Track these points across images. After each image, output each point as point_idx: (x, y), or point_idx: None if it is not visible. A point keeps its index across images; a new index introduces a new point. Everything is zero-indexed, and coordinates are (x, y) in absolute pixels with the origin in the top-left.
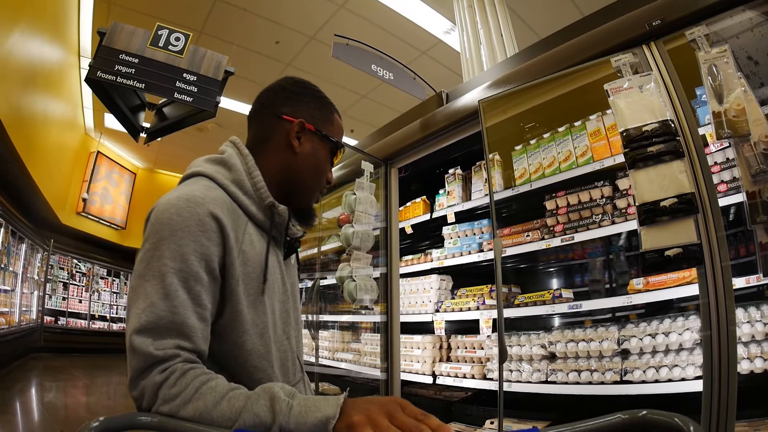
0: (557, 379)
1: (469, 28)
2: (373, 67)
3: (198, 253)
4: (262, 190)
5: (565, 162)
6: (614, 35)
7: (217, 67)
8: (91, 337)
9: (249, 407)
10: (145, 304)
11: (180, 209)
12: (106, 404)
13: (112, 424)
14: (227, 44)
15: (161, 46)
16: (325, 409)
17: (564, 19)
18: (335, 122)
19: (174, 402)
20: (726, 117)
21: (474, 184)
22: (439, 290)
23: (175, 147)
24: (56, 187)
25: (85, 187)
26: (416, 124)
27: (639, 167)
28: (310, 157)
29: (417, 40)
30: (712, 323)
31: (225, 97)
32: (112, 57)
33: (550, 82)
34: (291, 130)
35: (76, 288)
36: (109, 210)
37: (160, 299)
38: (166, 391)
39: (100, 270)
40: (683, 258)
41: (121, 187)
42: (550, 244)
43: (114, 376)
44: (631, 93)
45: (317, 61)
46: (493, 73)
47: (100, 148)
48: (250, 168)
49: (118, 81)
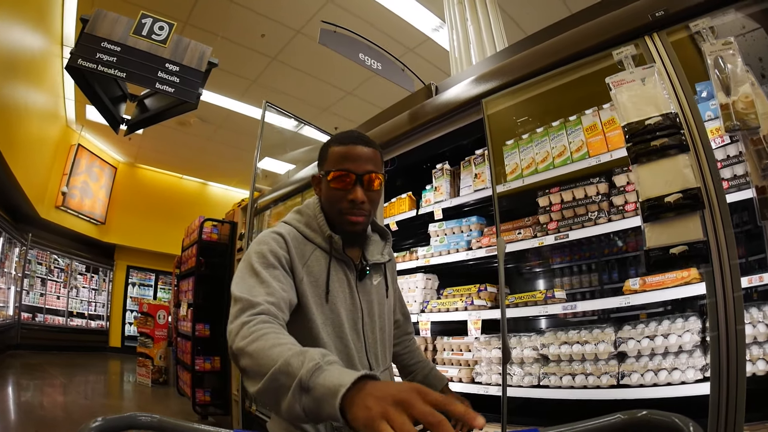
0: (550, 383)
1: (458, 26)
2: (360, 56)
3: (272, 253)
4: (323, 226)
5: (560, 157)
6: (616, 26)
7: (200, 58)
8: (69, 335)
9: (288, 357)
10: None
11: (261, 235)
12: (82, 404)
13: (113, 424)
14: (212, 36)
15: (144, 35)
16: (346, 378)
17: (554, 19)
18: (331, 154)
19: (247, 339)
20: (734, 109)
21: (463, 180)
22: (424, 290)
23: (156, 142)
24: (36, 179)
25: (65, 181)
26: (404, 116)
27: (642, 162)
28: (324, 195)
29: (405, 36)
30: (720, 324)
31: (209, 91)
32: (94, 45)
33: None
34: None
35: (54, 284)
36: (88, 204)
37: (253, 277)
38: (246, 329)
39: (78, 266)
40: (689, 256)
41: (101, 181)
42: (543, 242)
43: (91, 374)
44: (633, 86)
45: (303, 55)
46: (487, 64)
47: (81, 140)
48: (316, 213)
49: (99, 69)
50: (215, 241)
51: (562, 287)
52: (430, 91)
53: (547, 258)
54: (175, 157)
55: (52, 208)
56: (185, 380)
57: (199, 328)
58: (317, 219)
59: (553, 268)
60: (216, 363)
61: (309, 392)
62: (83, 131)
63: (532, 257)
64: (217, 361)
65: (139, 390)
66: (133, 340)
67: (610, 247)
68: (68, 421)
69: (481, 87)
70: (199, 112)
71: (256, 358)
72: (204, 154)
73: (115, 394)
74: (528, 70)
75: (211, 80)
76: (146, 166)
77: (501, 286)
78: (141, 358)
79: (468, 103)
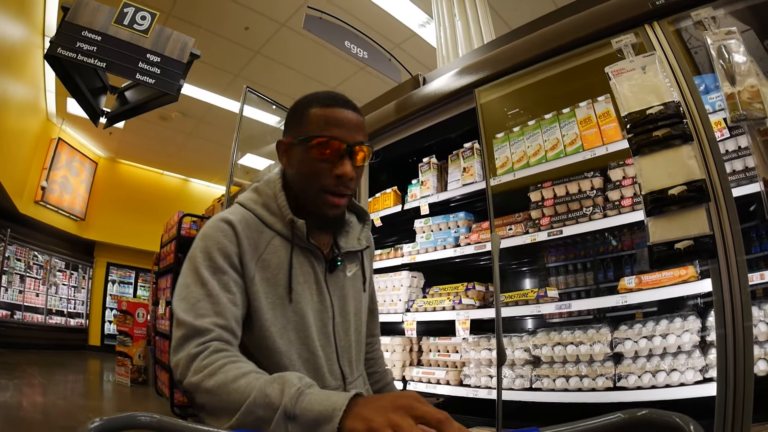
0: (543, 385)
1: (446, 22)
2: (346, 44)
3: (220, 252)
4: (283, 208)
5: (552, 150)
6: (616, 13)
7: (182, 49)
8: (48, 333)
9: (262, 387)
10: (187, 288)
11: (209, 223)
12: (60, 405)
13: (112, 424)
14: (195, 28)
15: (126, 25)
16: (336, 399)
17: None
18: (311, 116)
19: (201, 374)
20: (740, 98)
21: (450, 174)
22: (410, 288)
23: (137, 136)
24: (15, 173)
25: (45, 175)
26: (391, 106)
27: (644, 153)
28: (298, 167)
29: (391, 31)
30: (727, 321)
31: (191, 85)
32: (75, 33)
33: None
34: (279, 153)
35: (34, 281)
36: (68, 200)
37: (198, 287)
38: (198, 363)
39: (58, 263)
40: (695, 251)
41: (81, 176)
42: (535, 238)
43: (70, 374)
44: (633, 74)
45: (287, 50)
46: (481, 52)
47: (61, 134)
48: (276, 192)
49: (78, 59)
50: (194, 237)
51: (556, 286)
52: (418, 81)
53: (540, 255)
54: (156, 153)
55: (31, 203)
56: (163, 380)
57: None
58: (277, 199)
59: (546, 266)
60: None
61: (296, 420)
62: (64, 125)
63: (523, 254)
64: None
65: (118, 390)
66: (113, 338)
67: (605, 243)
68: (45, 423)
69: (474, 76)
70: (181, 106)
71: (219, 394)
72: (185, 149)
73: (94, 394)
74: (525, 57)
75: (193, 74)
76: (127, 162)
77: (496, 284)
78: (120, 358)
79: (458, 93)
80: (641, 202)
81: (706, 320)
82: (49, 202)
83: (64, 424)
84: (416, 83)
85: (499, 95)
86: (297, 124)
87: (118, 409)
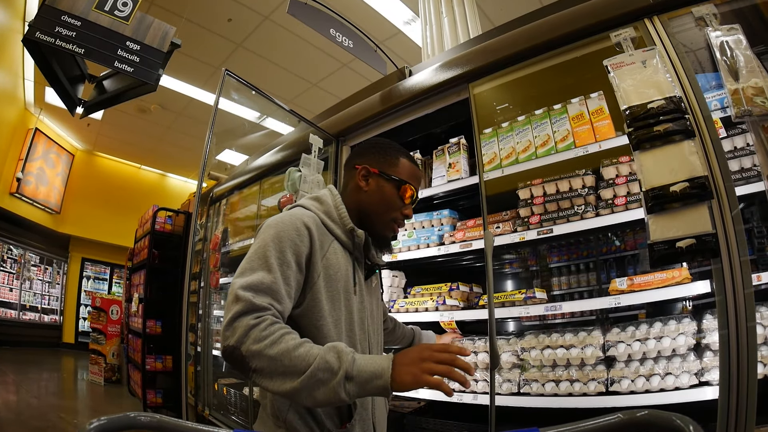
0: (531, 390)
1: (433, 20)
2: (331, 32)
3: (292, 249)
4: (344, 218)
5: (543, 147)
6: (615, 6)
7: (163, 38)
8: (21, 329)
9: (321, 355)
10: (252, 272)
11: (283, 219)
12: (32, 404)
13: (112, 424)
14: (176, 17)
15: (107, 11)
16: (381, 361)
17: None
18: (401, 164)
19: (263, 342)
20: (744, 95)
21: (435, 170)
22: (390, 288)
23: (116, 129)
24: None
25: (20, 166)
26: (376, 97)
27: (645, 148)
28: (376, 193)
29: (375, 28)
30: (730, 321)
31: (170, 77)
32: (54, 18)
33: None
34: (358, 174)
35: (7, 275)
36: (44, 192)
37: (264, 272)
38: (257, 333)
39: (32, 257)
40: (697, 250)
41: (57, 168)
42: (524, 237)
43: (44, 372)
44: (633, 68)
45: (270, 43)
46: (473, 43)
47: (38, 125)
48: (336, 203)
49: (56, 44)
50: (169, 232)
51: (549, 287)
52: (403, 73)
53: (529, 255)
54: (135, 146)
55: (6, 195)
56: (136, 380)
57: (150, 325)
58: (338, 209)
59: (534, 267)
60: (168, 362)
61: (353, 379)
62: (41, 115)
63: (511, 253)
64: (169, 361)
65: (91, 389)
66: (87, 336)
67: (597, 243)
68: (17, 423)
69: (466, 66)
70: (160, 98)
71: (282, 359)
72: (164, 142)
73: (68, 393)
74: (520, 48)
75: (174, 66)
76: (104, 155)
77: (489, 283)
78: (94, 356)
79: (447, 84)
80: (636, 200)
81: (702, 323)
82: (25, 194)
83: (38, 425)
84: (401, 75)
85: (489, 88)
86: (388, 164)
87: (91, 409)
